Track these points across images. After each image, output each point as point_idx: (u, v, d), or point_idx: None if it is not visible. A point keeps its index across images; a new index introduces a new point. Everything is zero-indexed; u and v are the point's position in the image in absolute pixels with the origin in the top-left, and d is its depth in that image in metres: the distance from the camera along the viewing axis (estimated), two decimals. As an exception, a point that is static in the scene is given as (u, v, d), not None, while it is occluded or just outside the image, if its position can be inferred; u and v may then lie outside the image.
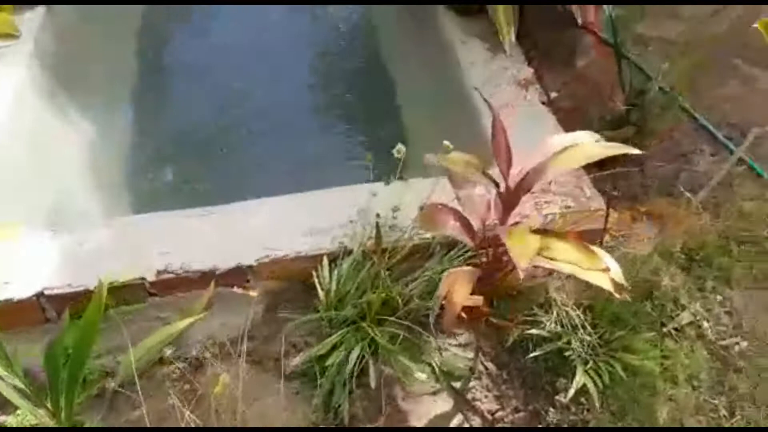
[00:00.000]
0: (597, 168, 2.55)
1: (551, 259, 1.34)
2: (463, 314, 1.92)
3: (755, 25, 1.35)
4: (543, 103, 2.49)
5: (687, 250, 2.03)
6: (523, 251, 1.29)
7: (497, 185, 1.50)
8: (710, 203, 2.18)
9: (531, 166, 1.46)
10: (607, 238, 2.10)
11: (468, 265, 1.90)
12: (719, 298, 1.95)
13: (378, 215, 1.88)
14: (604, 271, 1.32)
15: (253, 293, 1.71)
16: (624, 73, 2.56)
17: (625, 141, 2.36)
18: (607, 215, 1.86)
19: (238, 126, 3.15)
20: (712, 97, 2.67)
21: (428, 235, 1.94)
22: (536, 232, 1.43)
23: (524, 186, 1.47)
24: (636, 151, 1.42)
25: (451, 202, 1.64)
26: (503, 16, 2.66)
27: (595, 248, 1.38)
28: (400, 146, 1.90)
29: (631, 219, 2.25)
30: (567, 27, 2.89)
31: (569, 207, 2.04)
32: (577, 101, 2.71)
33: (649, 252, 1.90)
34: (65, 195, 2.57)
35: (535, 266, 1.51)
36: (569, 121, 2.53)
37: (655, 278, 1.90)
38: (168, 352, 1.75)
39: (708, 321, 1.88)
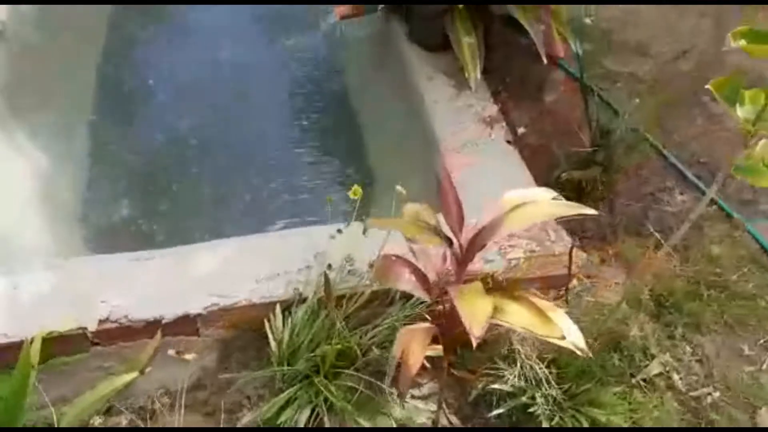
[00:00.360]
0: (565, 207, 2.51)
1: (506, 321, 1.27)
2: (426, 363, 1.84)
3: (708, 86, 1.30)
4: (508, 141, 2.42)
5: (656, 295, 1.96)
6: (475, 317, 1.20)
7: (450, 243, 1.42)
8: (680, 245, 2.12)
9: (484, 223, 1.38)
10: (574, 282, 2.03)
11: (430, 312, 1.82)
12: (690, 346, 1.88)
13: (329, 266, 1.79)
14: (560, 339, 1.24)
15: (188, 357, 1.59)
16: (592, 109, 2.52)
17: (592, 181, 2.35)
18: (570, 262, 1.79)
19: (201, 158, 3.05)
20: (681, 134, 2.64)
21: (388, 281, 1.85)
22: (492, 289, 1.35)
23: (477, 243, 1.39)
24: (592, 212, 1.35)
25: (409, 252, 1.56)
26: (468, 51, 2.61)
27: (552, 313, 1.30)
28: (356, 188, 1.82)
29: (599, 261, 2.19)
30: (536, 61, 2.85)
31: (534, 251, 1.97)
32: (545, 138, 2.66)
33: (618, 301, 1.82)
34: (11, 230, 2.44)
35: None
36: (536, 160, 2.47)
37: (623, 327, 1.83)
38: (97, 420, 1.62)
39: (678, 371, 1.81)
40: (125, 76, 3.39)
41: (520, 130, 2.76)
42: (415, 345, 1.45)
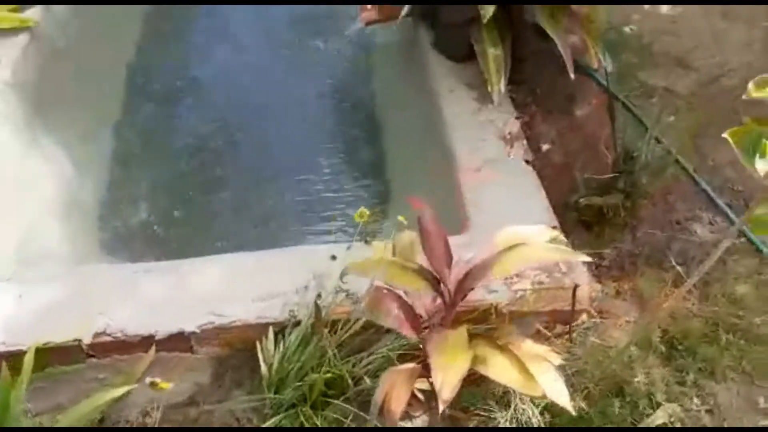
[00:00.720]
0: (585, 230, 2.39)
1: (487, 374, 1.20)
2: (419, 395, 1.79)
3: (725, 135, 1.19)
4: (527, 161, 2.32)
5: (669, 337, 1.85)
6: (447, 377, 1.14)
7: (436, 286, 1.35)
8: (700, 281, 1.99)
9: (475, 263, 1.31)
10: (584, 317, 1.94)
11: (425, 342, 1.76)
12: (701, 394, 1.76)
13: (319, 295, 1.75)
14: (540, 398, 1.17)
15: (164, 385, 1.58)
16: (620, 127, 2.39)
17: (613, 208, 2.24)
18: (574, 302, 1.70)
19: (224, 162, 3.05)
20: (717, 158, 2.48)
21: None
22: (477, 336, 1.29)
23: (466, 286, 1.32)
24: (586, 259, 1.27)
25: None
26: (493, 63, 2.52)
27: (537, 366, 1.23)
28: (362, 210, 1.79)
29: (615, 293, 2.08)
30: (567, 72, 2.74)
31: (542, 283, 1.88)
32: (569, 156, 2.55)
33: (626, 342, 1.72)
34: (33, 235, 2.48)
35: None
36: (557, 181, 2.38)
37: (628, 371, 1.72)
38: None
39: (684, 422, 1.69)
40: (153, 78, 3.41)
41: (545, 147, 2.66)
42: (398, 389, 1.41)
